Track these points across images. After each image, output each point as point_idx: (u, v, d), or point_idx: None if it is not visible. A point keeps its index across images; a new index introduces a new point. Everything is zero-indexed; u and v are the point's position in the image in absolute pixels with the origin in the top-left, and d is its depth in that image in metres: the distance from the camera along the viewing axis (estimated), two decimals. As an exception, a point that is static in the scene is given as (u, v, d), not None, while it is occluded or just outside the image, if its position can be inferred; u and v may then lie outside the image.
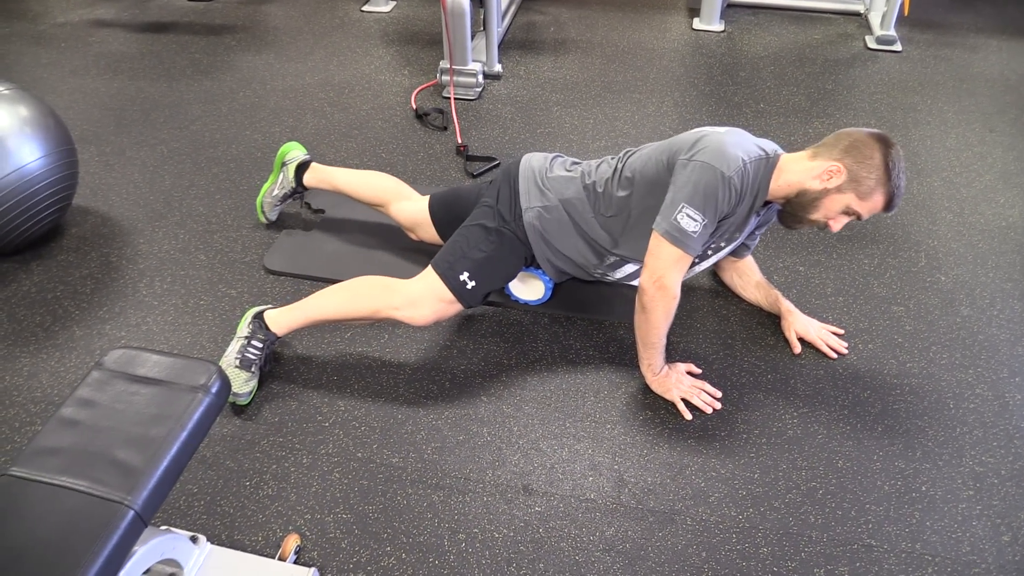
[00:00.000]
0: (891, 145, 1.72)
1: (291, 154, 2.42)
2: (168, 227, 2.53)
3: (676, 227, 1.74)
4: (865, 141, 1.73)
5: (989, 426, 1.87)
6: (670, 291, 1.79)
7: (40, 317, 2.21)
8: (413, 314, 1.91)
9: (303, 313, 1.97)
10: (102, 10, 4.09)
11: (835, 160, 1.74)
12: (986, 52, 3.55)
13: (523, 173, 2.03)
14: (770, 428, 1.87)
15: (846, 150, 1.73)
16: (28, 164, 2.23)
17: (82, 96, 3.28)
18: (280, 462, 1.81)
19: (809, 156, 1.80)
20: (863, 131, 1.76)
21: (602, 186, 1.95)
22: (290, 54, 3.60)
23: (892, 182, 1.71)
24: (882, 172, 1.70)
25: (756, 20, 3.86)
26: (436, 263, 1.96)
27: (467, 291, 1.93)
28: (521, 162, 2.06)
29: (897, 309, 2.20)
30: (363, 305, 1.95)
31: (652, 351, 1.91)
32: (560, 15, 3.95)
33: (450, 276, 1.93)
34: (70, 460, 1.24)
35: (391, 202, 2.29)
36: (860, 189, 1.73)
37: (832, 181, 1.74)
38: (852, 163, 1.72)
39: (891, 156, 1.71)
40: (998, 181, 2.71)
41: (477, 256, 1.95)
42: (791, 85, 3.30)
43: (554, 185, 2.00)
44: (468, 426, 1.89)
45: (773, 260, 2.36)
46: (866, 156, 1.71)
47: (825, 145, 1.79)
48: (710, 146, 1.75)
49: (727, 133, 1.80)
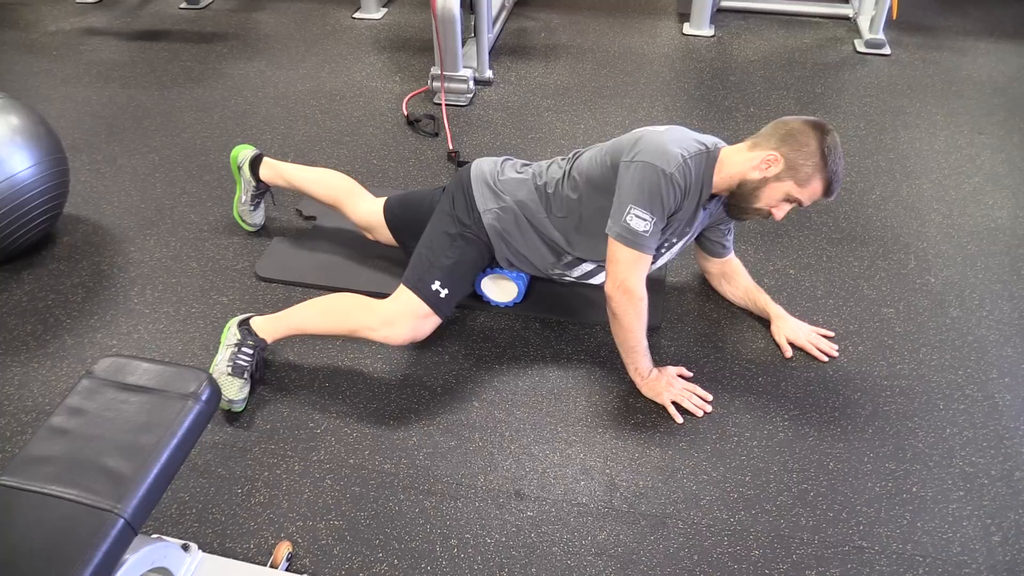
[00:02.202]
0: (827, 132, 1.74)
1: (241, 155, 2.42)
2: (160, 235, 2.53)
3: (627, 229, 1.77)
4: (801, 129, 1.75)
5: (979, 427, 1.88)
6: (635, 293, 1.82)
7: (31, 326, 2.20)
8: (389, 334, 1.92)
9: (286, 325, 1.99)
10: (93, 18, 4.09)
11: (772, 149, 1.76)
12: (975, 55, 3.57)
13: (475, 177, 2.05)
14: (761, 431, 1.88)
15: (782, 139, 1.76)
16: (19, 173, 2.23)
17: (73, 104, 3.28)
18: (272, 469, 1.81)
19: (748, 147, 1.82)
20: (799, 119, 1.78)
21: (552, 187, 1.98)
22: (281, 61, 3.60)
23: (829, 168, 1.73)
24: (818, 159, 1.73)
25: (746, 25, 3.88)
26: (407, 279, 1.97)
27: (441, 300, 1.95)
28: (472, 167, 2.08)
29: (887, 311, 2.21)
30: (341, 324, 1.96)
31: (634, 355, 1.92)
32: (551, 21, 3.97)
33: (422, 288, 1.94)
34: (60, 469, 1.23)
35: (345, 203, 2.30)
36: (798, 176, 1.75)
37: (771, 170, 1.76)
38: (788, 151, 1.74)
39: (827, 142, 1.73)
40: (987, 183, 2.72)
41: (445, 263, 1.96)
42: (781, 89, 3.32)
43: (506, 187, 2.02)
44: (459, 431, 1.89)
45: (763, 263, 2.37)
46: (802, 144, 1.73)
47: (763, 135, 1.81)
48: (649, 146, 1.78)
49: (666, 131, 1.83)
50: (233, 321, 1.99)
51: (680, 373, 2.00)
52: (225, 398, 1.87)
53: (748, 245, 2.44)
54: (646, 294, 1.83)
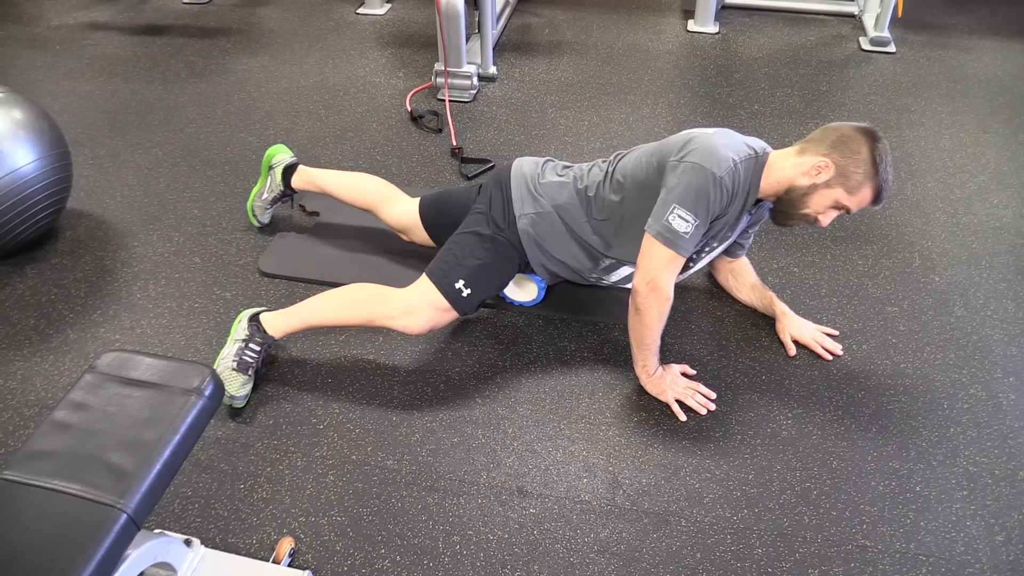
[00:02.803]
0: (878, 139, 1.73)
1: (277, 157, 2.41)
2: (162, 230, 2.53)
3: (668, 228, 1.74)
4: (852, 136, 1.73)
5: (983, 426, 1.88)
6: (663, 292, 1.79)
7: (34, 320, 2.20)
8: (408, 323, 1.91)
9: (299, 318, 1.97)
10: (97, 13, 4.09)
11: (823, 156, 1.74)
12: (980, 53, 3.56)
13: (515, 179, 2.03)
14: (765, 429, 1.87)
15: (833, 145, 1.74)
16: (22, 167, 2.23)
17: (76, 99, 3.27)
18: (275, 465, 1.81)
19: (797, 152, 1.80)
20: (850, 125, 1.77)
21: (594, 190, 1.96)
22: (285, 57, 3.60)
23: (880, 176, 1.72)
24: (870, 167, 1.72)
25: (750, 22, 3.87)
26: (431, 271, 1.95)
27: (463, 299, 1.93)
28: (512, 168, 2.06)
29: (891, 310, 2.20)
30: (358, 313, 1.95)
31: (646, 352, 1.91)
32: (555, 17, 3.96)
33: (445, 284, 1.92)
34: (62, 463, 1.23)
35: (381, 207, 2.28)
36: (848, 184, 1.74)
37: (820, 176, 1.75)
38: (840, 158, 1.73)
39: (878, 151, 1.71)
40: (992, 182, 2.71)
41: (472, 263, 1.94)
42: (785, 86, 3.31)
43: (547, 191, 1.99)
44: (463, 428, 1.89)
45: (768, 261, 2.37)
46: (853, 151, 1.72)
47: (812, 140, 1.79)
48: (700, 147, 1.76)
49: (716, 134, 1.81)
50: (244, 315, 1.99)
51: (684, 371, 1.99)
52: (227, 393, 1.86)
53: (752, 243, 2.43)
54: (673, 295, 1.82)
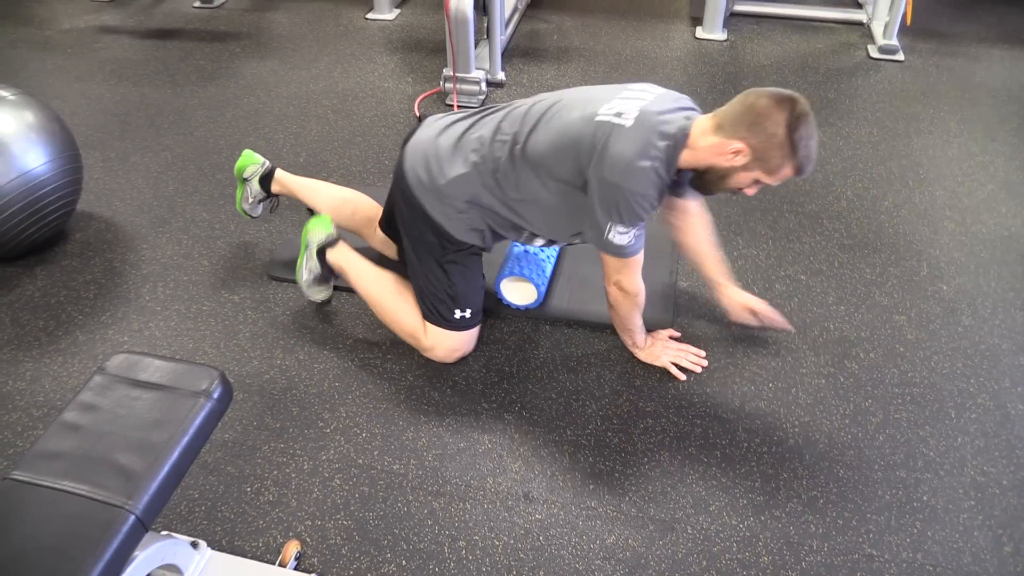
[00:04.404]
0: (798, 116, 1.60)
1: (249, 170, 2.34)
2: (171, 233, 2.54)
3: (611, 244, 1.76)
4: (769, 115, 1.61)
5: (991, 436, 1.87)
6: (631, 291, 1.87)
7: (43, 322, 2.21)
8: (434, 356, 2.04)
9: (355, 277, 2.10)
10: (108, 16, 4.11)
11: (739, 140, 1.64)
12: (988, 62, 3.55)
13: (416, 188, 1.88)
14: (771, 437, 1.87)
15: (750, 128, 1.63)
16: (33, 169, 2.24)
17: (87, 102, 3.29)
18: (281, 468, 1.81)
19: (713, 128, 1.69)
20: (768, 98, 1.63)
21: (501, 170, 1.82)
22: (294, 61, 3.61)
23: (799, 156, 1.63)
24: (788, 148, 1.62)
25: (759, 29, 3.87)
26: (427, 316, 1.99)
27: (468, 320, 1.98)
28: (407, 174, 1.90)
29: (899, 318, 2.19)
30: (401, 321, 2.04)
31: (631, 334, 2.01)
32: (563, 23, 3.97)
33: (445, 320, 1.97)
34: (71, 464, 1.24)
35: (363, 231, 2.29)
36: (767, 166, 1.67)
37: (738, 159, 1.67)
38: (756, 142, 1.63)
39: (797, 131, 1.60)
40: (1000, 191, 2.71)
41: (453, 290, 1.95)
42: (794, 94, 3.30)
43: (455, 190, 1.85)
44: (469, 433, 1.89)
45: (774, 269, 2.36)
46: (770, 133, 1.61)
47: (729, 118, 1.67)
48: (616, 160, 1.66)
49: (632, 127, 1.67)
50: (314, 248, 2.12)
51: (671, 335, 2.08)
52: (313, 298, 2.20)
53: (759, 251, 2.43)
54: (643, 287, 1.87)
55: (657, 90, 1.81)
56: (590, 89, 1.87)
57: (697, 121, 1.73)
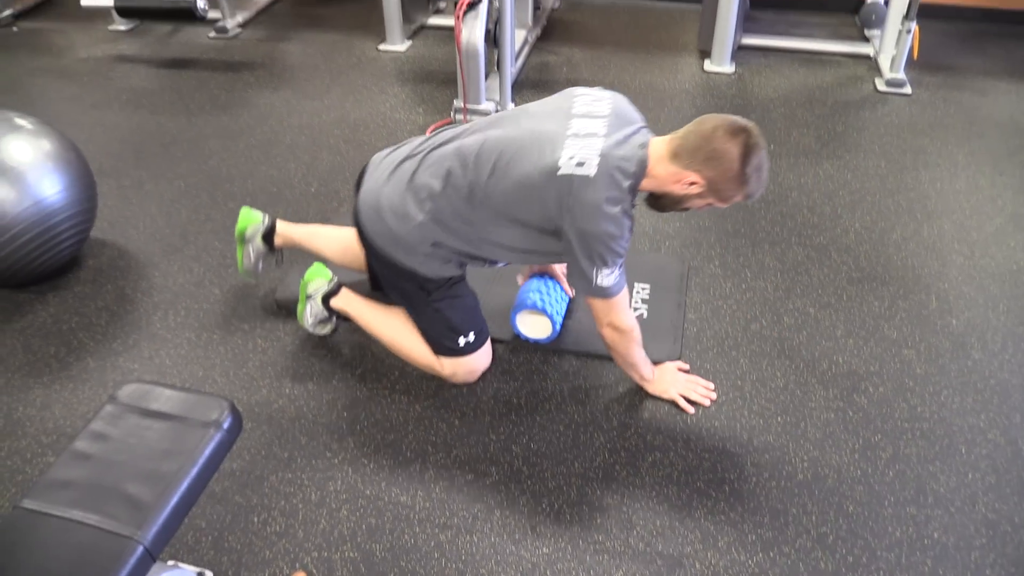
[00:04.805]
0: (751, 149, 1.66)
1: (250, 229, 2.31)
2: (183, 260, 2.56)
3: (600, 289, 1.77)
4: (724, 150, 1.66)
5: (1002, 472, 1.86)
6: (623, 328, 1.86)
7: (55, 348, 2.23)
8: (458, 381, 2.07)
9: (364, 321, 2.13)
10: (125, 45, 4.18)
11: (694, 172, 1.69)
12: (995, 95, 3.57)
13: (379, 243, 1.89)
14: (780, 471, 1.86)
15: (705, 161, 1.68)
16: (48, 197, 2.27)
17: (103, 129, 3.34)
18: (288, 498, 1.81)
19: (670, 156, 1.72)
20: (724, 129, 1.67)
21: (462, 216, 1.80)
22: (307, 91, 3.66)
23: (751, 187, 1.70)
24: (741, 182, 1.69)
25: (767, 62, 3.91)
26: (435, 351, 2.02)
27: (474, 343, 1.99)
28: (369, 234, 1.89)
29: (907, 352, 2.19)
30: (416, 357, 2.07)
31: (637, 369, 1.99)
32: (573, 56, 4.01)
33: (452, 349, 1.99)
34: (81, 494, 1.25)
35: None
36: (721, 196, 1.74)
37: (693, 188, 1.73)
38: (712, 175, 1.69)
39: (751, 163, 1.66)
40: (1008, 224, 2.71)
41: (452, 323, 1.97)
42: (801, 126, 3.33)
43: (415, 239, 1.84)
44: (476, 465, 1.89)
45: (783, 302, 2.37)
46: (726, 169, 1.67)
47: (686, 149, 1.70)
48: (590, 211, 1.67)
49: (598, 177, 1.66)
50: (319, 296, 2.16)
51: (679, 367, 2.08)
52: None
53: (767, 283, 2.44)
54: (635, 321, 1.88)
55: (604, 110, 1.78)
56: (535, 118, 1.81)
57: (653, 146, 1.75)
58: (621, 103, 1.83)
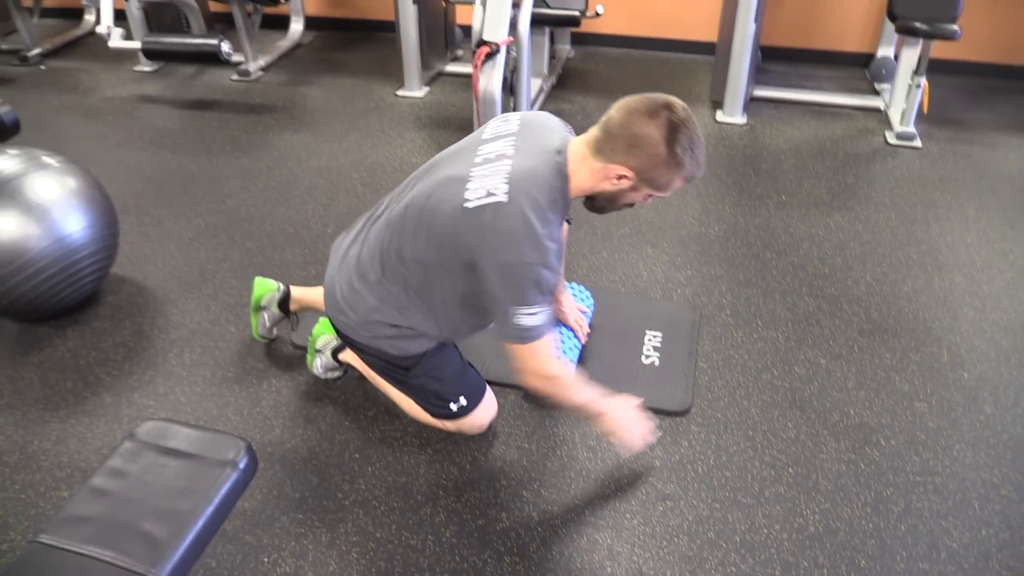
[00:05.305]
0: (677, 128, 1.54)
1: (266, 298, 2.31)
2: (201, 299, 2.60)
3: (518, 329, 1.61)
4: (647, 134, 1.54)
5: (1016, 529, 1.84)
6: (550, 375, 1.71)
7: (71, 382, 2.26)
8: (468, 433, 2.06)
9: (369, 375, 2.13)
10: (149, 86, 4.29)
11: (620, 164, 1.58)
12: (1005, 150, 3.61)
13: (347, 331, 1.88)
14: (791, 524, 1.85)
15: (629, 150, 1.56)
16: (71, 234, 2.32)
17: (125, 168, 3.41)
18: (299, 539, 1.81)
19: (592, 152, 1.61)
20: (643, 110, 1.55)
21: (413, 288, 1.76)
22: (326, 134, 3.73)
23: (687, 169, 1.58)
24: (672, 165, 1.56)
25: (778, 114, 3.97)
26: (435, 416, 2.01)
27: (468, 406, 1.97)
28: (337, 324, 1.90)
29: (919, 405, 2.19)
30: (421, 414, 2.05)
31: (584, 410, 1.82)
32: (587, 104, 4.09)
33: (449, 414, 1.98)
34: (98, 530, 1.26)
35: None
36: (656, 184, 1.61)
37: (624, 182, 1.61)
38: (639, 164, 1.57)
39: (679, 143, 1.54)
40: (1019, 278, 2.72)
41: (440, 393, 1.95)
42: (812, 178, 3.37)
43: (372, 325, 1.82)
44: (487, 510, 1.89)
45: (794, 352, 2.37)
46: (652, 154, 1.55)
47: (607, 141, 1.59)
48: (507, 237, 1.55)
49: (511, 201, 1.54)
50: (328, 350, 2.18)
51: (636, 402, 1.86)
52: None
53: (778, 333, 2.45)
54: (562, 367, 1.73)
55: (512, 127, 1.72)
56: (445, 163, 1.75)
57: (573, 147, 1.65)
58: (533, 115, 1.76)
